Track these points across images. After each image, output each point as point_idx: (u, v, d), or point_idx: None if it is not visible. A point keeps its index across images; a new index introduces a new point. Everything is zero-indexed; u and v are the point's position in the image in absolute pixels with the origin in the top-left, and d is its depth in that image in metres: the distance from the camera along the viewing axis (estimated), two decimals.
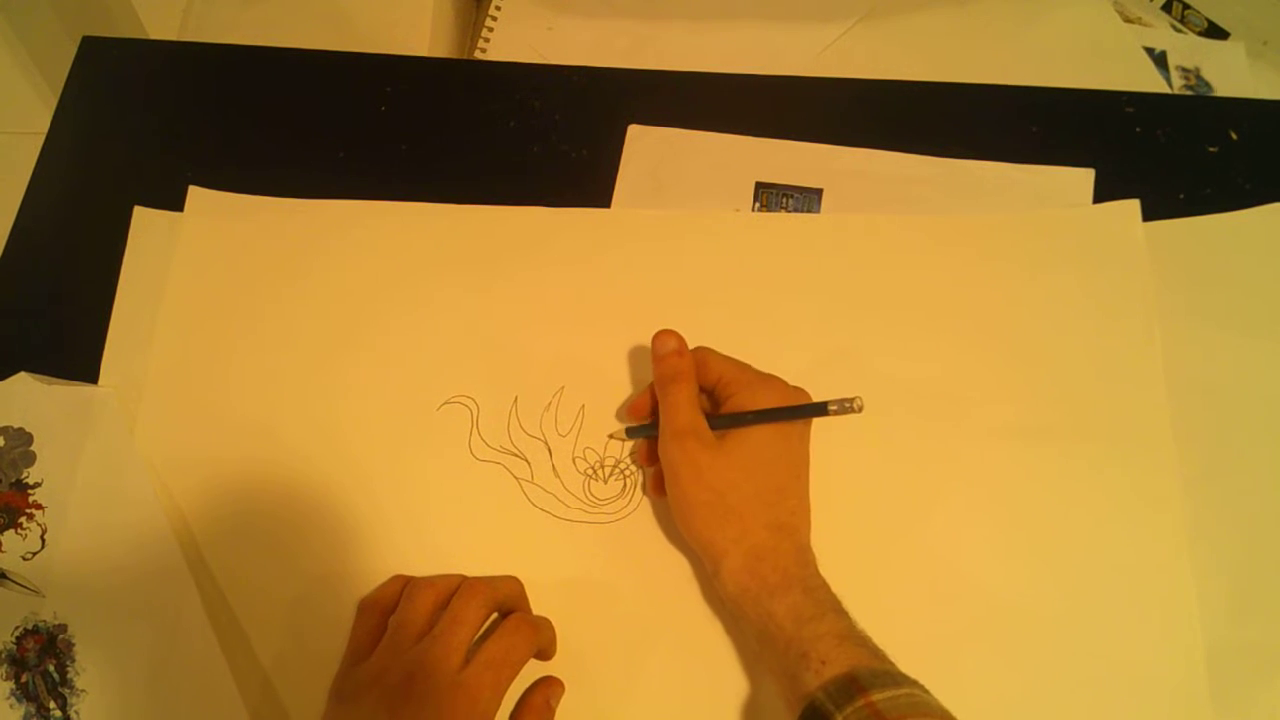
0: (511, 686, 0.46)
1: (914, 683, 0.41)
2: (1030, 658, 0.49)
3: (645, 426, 0.52)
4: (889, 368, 0.55)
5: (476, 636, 0.47)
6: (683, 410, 0.48)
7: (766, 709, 0.48)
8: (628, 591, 0.51)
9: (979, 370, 0.55)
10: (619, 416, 0.55)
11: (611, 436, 0.54)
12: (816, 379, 0.51)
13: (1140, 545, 0.51)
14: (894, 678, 0.40)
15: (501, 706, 0.46)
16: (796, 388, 0.50)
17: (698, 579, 0.51)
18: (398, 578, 0.51)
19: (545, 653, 0.49)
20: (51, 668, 0.50)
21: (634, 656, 0.50)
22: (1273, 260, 0.57)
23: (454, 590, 0.48)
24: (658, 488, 0.51)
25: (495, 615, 0.49)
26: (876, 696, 0.39)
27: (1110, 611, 0.50)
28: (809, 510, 0.48)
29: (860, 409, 0.46)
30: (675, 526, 0.52)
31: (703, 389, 0.50)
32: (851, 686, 0.40)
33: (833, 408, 0.46)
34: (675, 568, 0.51)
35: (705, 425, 0.48)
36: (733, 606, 0.47)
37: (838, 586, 0.46)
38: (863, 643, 0.43)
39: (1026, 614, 0.50)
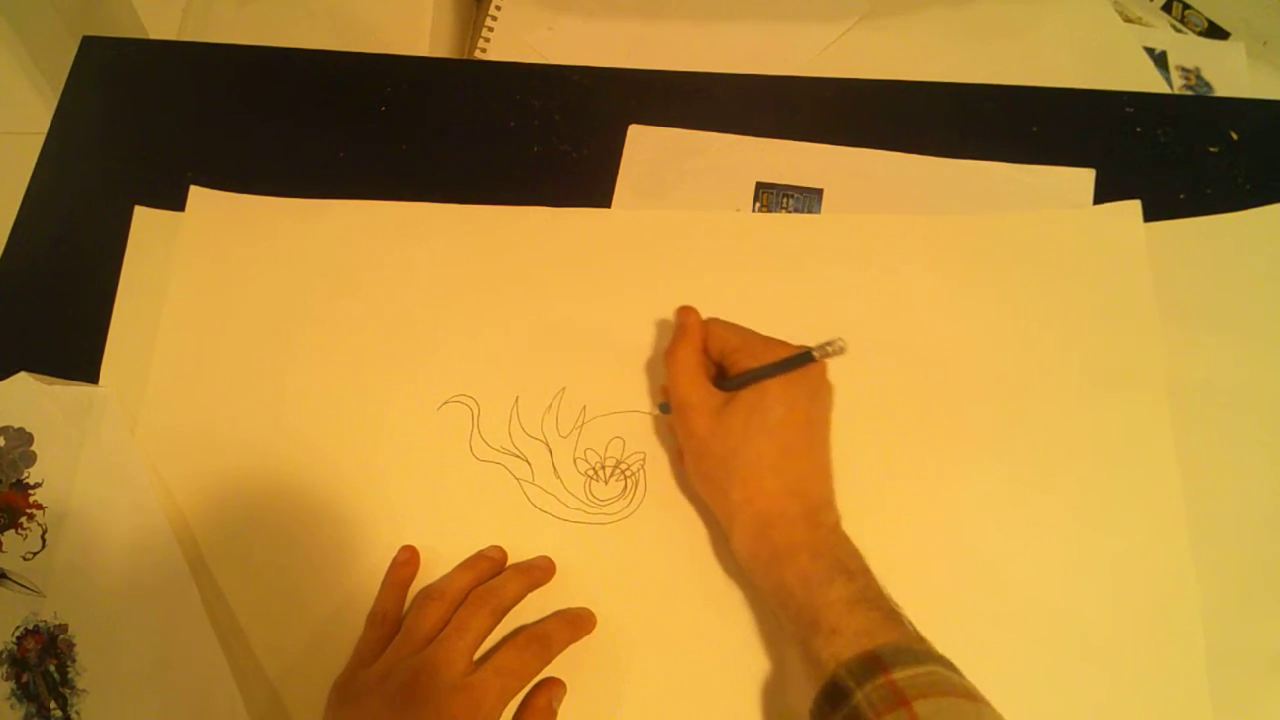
0: None
1: (939, 659, 0.40)
2: (1030, 658, 0.49)
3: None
4: (889, 368, 0.55)
5: (481, 643, 0.47)
6: (679, 381, 0.49)
7: (768, 708, 0.48)
8: (629, 592, 0.51)
9: (979, 371, 0.55)
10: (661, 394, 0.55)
11: (652, 414, 0.55)
12: None
13: (1141, 546, 0.51)
14: (916, 655, 0.40)
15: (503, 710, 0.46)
16: (802, 348, 0.49)
17: (698, 579, 0.51)
18: (398, 585, 0.51)
19: (578, 632, 0.49)
20: (52, 667, 0.50)
21: (636, 657, 0.50)
22: (1274, 261, 0.57)
23: (463, 599, 0.48)
24: (680, 459, 0.52)
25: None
26: (898, 674, 0.39)
27: (1111, 612, 0.50)
28: (825, 471, 0.48)
29: (843, 350, 0.46)
30: (675, 525, 0.52)
31: (713, 360, 0.51)
32: (873, 664, 0.39)
33: (816, 353, 0.47)
34: (676, 568, 0.51)
35: (706, 394, 0.48)
36: (746, 572, 0.47)
37: None
38: (876, 605, 0.42)
39: (1027, 614, 0.50)
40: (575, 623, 0.49)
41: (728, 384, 0.49)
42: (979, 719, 0.39)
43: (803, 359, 0.47)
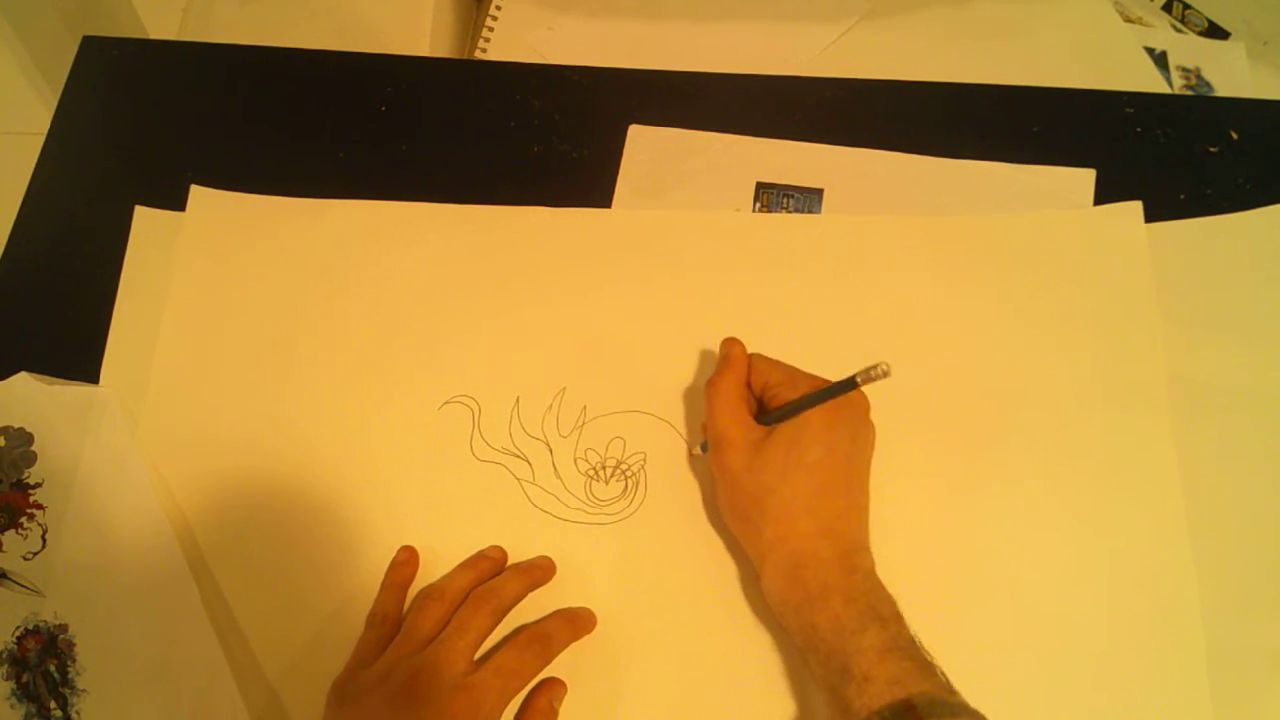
0: None
1: (972, 712, 0.40)
2: (1030, 657, 0.49)
3: None
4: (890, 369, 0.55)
5: (481, 643, 0.47)
6: (719, 413, 0.48)
7: (768, 706, 0.48)
8: (629, 592, 0.51)
9: (979, 372, 0.55)
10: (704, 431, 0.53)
11: (692, 452, 0.54)
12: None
13: (1142, 545, 0.51)
14: (950, 706, 0.39)
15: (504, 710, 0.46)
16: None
17: (699, 579, 0.51)
18: (398, 586, 0.51)
19: (578, 631, 0.49)
20: (52, 667, 0.50)
21: (636, 657, 0.50)
22: (1275, 262, 0.57)
23: (463, 599, 0.48)
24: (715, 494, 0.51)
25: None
26: None
27: (1112, 611, 0.50)
28: (862, 514, 0.47)
29: (887, 373, 0.43)
30: (676, 526, 0.52)
31: (754, 395, 0.50)
32: (908, 713, 0.39)
33: (859, 378, 0.45)
34: (677, 568, 0.51)
35: (746, 428, 0.48)
36: (776, 614, 0.46)
37: None
38: (908, 654, 0.41)
39: (1027, 614, 0.50)
40: (575, 622, 0.49)
41: (768, 418, 0.48)
42: None
43: (845, 385, 0.46)
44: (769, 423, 0.48)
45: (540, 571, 0.51)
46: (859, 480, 0.47)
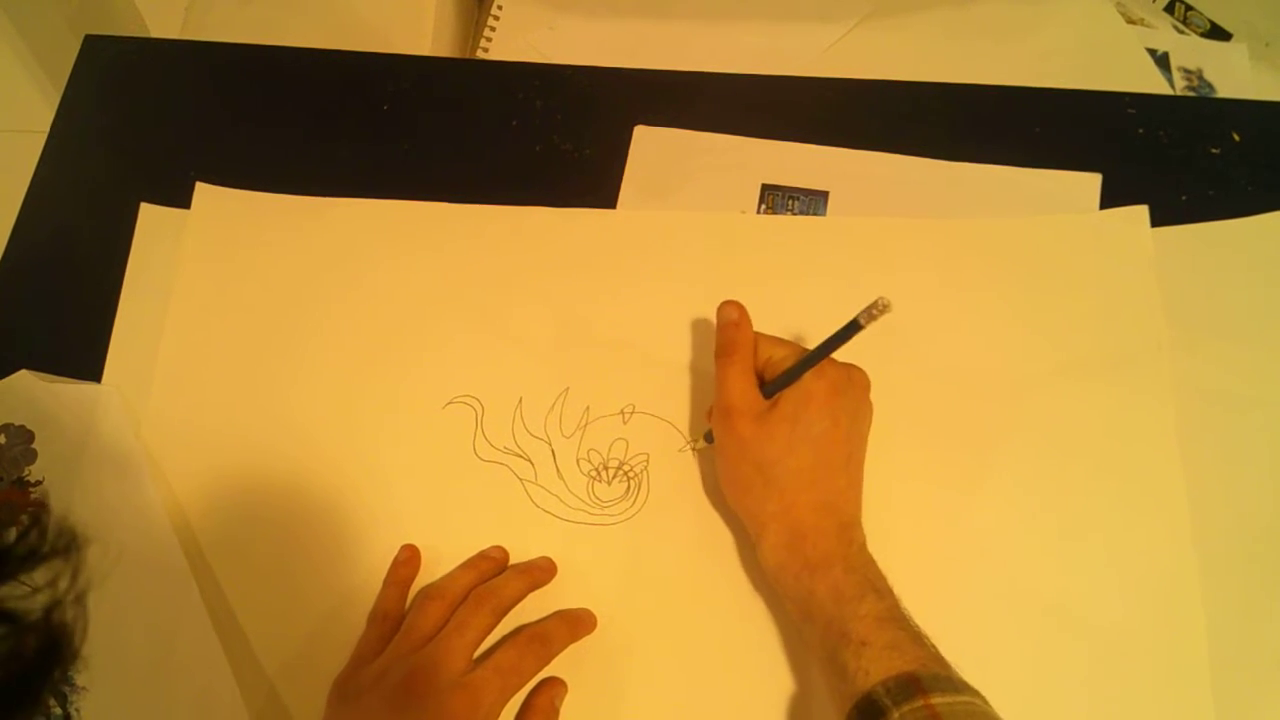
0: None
1: (973, 691, 0.41)
2: (1033, 659, 0.49)
3: None
4: (893, 372, 0.55)
5: (481, 642, 0.47)
6: (729, 385, 0.49)
7: (769, 709, 0.48)
8: (631, 593, 0.51)
9: (984, 376, 0.55)
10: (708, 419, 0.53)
11: (695, 448, 0.54)
12: None
13: (1145, 549, 0.51)
14: (953, 683, 0.40)
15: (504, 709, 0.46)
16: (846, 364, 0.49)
17: (700, 581, 0.51)
18: (399, 584, 0.51)
19: (578, 632, 0.49)
20: None
21: (638, 658, 0.50)
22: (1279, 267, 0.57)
23: (464, 598, 0.48)
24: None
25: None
26: (936, 700, 0.39)
27: (1115, 614, 0.50)
28: (858, 490, 0.48)
29: (888, 307, 0.44)
30: (678, 527, 0.52)
31: (757, 369, 0.50)
32: (912, 686, 0.39)
33: (861, 319, 0.45)
34: (678, 569, 0.51)
35: (754, 400, 0.48)
36: (772, 580, 0.47)
37: None
38: (903, 625, 0.43)
39: (1030, 617, 0.50)
40: (575, 623, 0.49)
41: (771, 387, 0.49)
42: None
43: (848, 329, 0.46)
44: (772, 391, 0.48)
45: (541, 572, 0.51)
46: (857, 457, 0.48)
